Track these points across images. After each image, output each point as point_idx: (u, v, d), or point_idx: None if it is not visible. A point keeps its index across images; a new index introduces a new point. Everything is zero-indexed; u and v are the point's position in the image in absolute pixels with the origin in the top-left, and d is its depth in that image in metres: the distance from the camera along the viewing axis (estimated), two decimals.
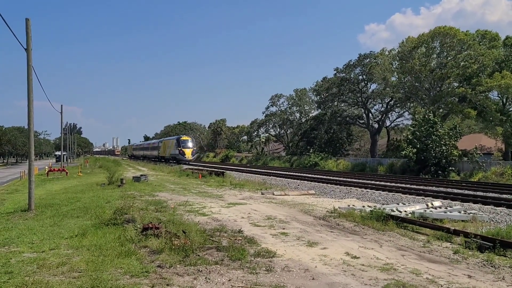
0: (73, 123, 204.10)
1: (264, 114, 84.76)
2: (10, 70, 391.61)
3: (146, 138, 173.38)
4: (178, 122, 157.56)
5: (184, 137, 68.46)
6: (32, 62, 17.65)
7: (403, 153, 40.86)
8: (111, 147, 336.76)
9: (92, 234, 11.06)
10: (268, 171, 46.72)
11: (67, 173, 44.11)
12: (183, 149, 64.40)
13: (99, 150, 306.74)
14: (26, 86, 17.32)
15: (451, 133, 38.80)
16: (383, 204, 17.33)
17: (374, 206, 15.19)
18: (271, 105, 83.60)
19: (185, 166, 53.55)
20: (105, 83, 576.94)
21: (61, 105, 60.62)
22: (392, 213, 13.76)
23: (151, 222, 11.20)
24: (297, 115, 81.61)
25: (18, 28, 19.38)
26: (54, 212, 16.09)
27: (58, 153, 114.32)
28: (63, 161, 65.07)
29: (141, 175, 31.69)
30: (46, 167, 50.37)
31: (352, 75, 64.14)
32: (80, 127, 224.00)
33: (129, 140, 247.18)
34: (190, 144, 66.05)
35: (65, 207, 17.44)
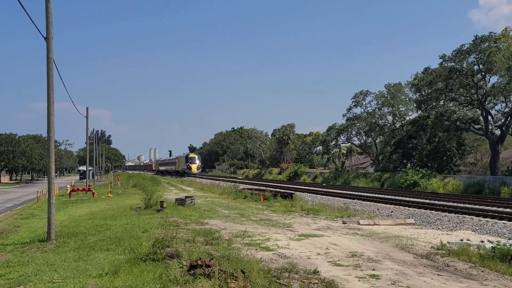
0: (101, 130, 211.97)
1: (345, 118, 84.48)
2: (22, 64, 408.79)
3: (192, 149, 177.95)
4: (232, 128, 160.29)
5: (191, 155, 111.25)
6: (53, 54, 18.46)
7: None
8: (147, 161, 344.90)
9: (126, 272, 11.35)
10: (351, 192, 46.32)
11: (93, 193, 45.74)
12: (190, 165, 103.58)
13: (133, 164, 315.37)
14: (44, 84, 18.10)
15: None
16: (509, 239, 16.77)
17: (498, 242, 14.75)
18: (354, 105, 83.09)
19: (242, 186, 54.43)
20: (140, 80, 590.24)
21: (87, 108, 62.40)
22: None
23: (200, 258, 11.37)
24: (390, 118, 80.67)
25: (36, 12, 20.34)
26: (79, 243, 16.67)
27: (82, 168, 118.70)
28: (89, 178, 67.23)
29: (186, 197, 32.29)
30: (68, 186, 52.28)
31: (464, 65, 62.46)
32: (109, 135, 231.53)
33: (170, 151, 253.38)
34: (196, 161, 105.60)
35: (92, 237, 18.05)
